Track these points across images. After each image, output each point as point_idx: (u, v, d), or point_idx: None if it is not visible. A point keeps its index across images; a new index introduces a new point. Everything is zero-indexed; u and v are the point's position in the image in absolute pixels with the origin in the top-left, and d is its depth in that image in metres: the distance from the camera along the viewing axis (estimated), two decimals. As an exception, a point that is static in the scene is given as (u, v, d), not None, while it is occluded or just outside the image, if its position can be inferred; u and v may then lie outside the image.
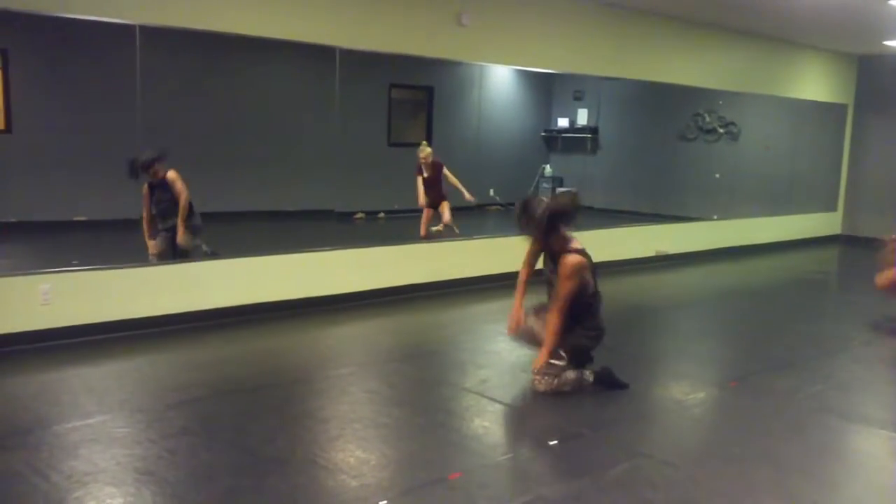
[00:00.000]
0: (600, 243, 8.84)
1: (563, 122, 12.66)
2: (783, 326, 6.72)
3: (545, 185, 12.58)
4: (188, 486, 3.25)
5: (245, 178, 8.79)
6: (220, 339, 5.61)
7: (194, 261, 6.10)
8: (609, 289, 7.89)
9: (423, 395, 4.53)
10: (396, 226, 9.75)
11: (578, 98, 12.40)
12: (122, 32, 5.46)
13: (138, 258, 5.91)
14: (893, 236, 7.28)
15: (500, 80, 11.18)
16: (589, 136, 12.33)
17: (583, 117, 12.51)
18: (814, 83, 11.34)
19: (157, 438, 3.70)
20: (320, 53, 6.49)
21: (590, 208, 12.03)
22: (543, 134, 12.72)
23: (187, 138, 8.31)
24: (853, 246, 11.77)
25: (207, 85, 8.44)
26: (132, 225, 6.18)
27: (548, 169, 12.70)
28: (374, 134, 10.02)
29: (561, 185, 12.61)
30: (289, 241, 6.81)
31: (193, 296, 5.84)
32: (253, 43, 6.08)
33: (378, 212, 9.99)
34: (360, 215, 9.69)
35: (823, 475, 3.63)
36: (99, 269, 5.47)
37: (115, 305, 5.47)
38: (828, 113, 11.80)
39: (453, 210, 8.38)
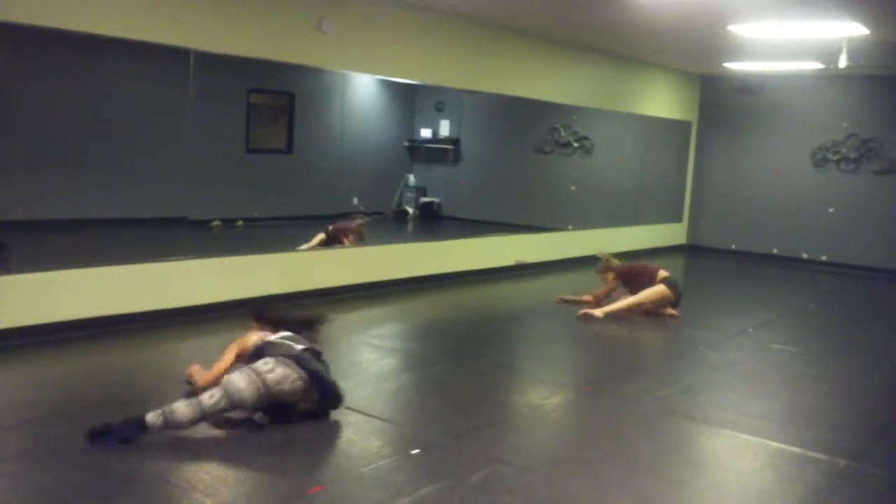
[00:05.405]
0: (461, 253, 9.06)
1: (426, 133, 12.78)
2: (634, 332, 7.03)
3: (409, 194, 12.66)
4: (26, 512, 3.05)
5: (92, 184, 8.35)
6: (65, 354, 5.27)
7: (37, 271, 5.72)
8: (469, 297, 8.12)
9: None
10: (255, 234, 9.53)
11: (440, 109, 12.55)
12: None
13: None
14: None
15: (363, 89, 11.15)
16: (451, 147, 12.51)
17: (445, 128, 12.67)
18: (661, 101, 11.96)
19: (-8, 462, 3.44)
20: (174, 54, 6.25)
21: (452, 218, 12.23)
22: (407, 144, 12.79)
23: (27, 140, 7.82)
24: (697, 255, 12.49)
25: (50, 85, 7.97)
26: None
27: (411, 178, 12.77)
28: (232, 139, 9.76)
29: (424, 195, 12.72)
30: (140, 250, 6.49)
31: (36, 308, 5.45)
32: (100, 41, 5.77)
33: (236, 219, 9.73)
34: (216, 223, 9.40)
35: (670, 474, 3.81)
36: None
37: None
38: (674, 129, 12.49)
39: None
